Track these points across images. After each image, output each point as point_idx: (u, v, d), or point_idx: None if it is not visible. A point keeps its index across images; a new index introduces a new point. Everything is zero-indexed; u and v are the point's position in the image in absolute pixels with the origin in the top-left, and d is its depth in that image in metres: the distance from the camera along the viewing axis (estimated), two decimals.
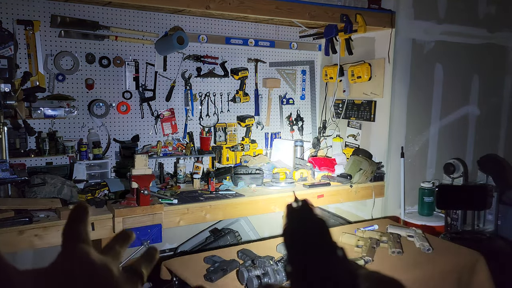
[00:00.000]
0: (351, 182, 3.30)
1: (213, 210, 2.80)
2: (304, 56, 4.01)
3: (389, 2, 3.39)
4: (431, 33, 3.55)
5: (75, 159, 2.98)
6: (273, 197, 3.02)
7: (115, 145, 3.23)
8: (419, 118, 3.61)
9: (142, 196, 2.48)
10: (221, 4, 2.80)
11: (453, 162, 3.66)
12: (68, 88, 3.04)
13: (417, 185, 3.57)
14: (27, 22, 2.83)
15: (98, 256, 0.43)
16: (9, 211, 2.27)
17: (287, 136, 3.96)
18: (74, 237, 0.44)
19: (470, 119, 3.93)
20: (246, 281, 1.93)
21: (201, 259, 2.25)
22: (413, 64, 3.49)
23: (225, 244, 3.18)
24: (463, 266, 2.39)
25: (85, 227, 0.45)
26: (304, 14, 3.07)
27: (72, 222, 0.45)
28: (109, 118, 3.19)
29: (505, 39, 4.01)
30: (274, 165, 3.52)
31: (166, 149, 3.30)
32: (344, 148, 3.81)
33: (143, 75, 3.29)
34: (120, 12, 3.14)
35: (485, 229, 3.79)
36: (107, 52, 3.14)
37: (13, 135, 2.81)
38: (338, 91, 3.80)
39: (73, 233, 0.44)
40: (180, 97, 3.46)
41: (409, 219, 3.45)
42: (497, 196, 3.60)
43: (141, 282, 0.47)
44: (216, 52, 3.55)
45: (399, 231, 2.69)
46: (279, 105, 3.92)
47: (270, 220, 3.76)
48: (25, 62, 2.88)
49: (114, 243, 0.49)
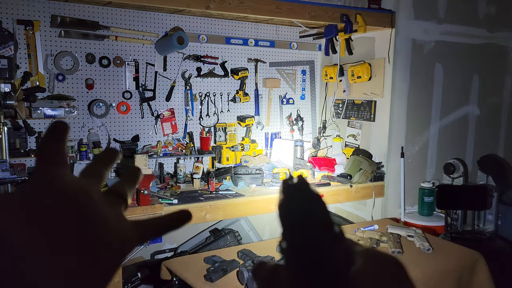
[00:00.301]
0: (351, 182, 3.30)
1: (213, 210, 2.80)
2: (304, 56, 4.01)
3: (389, 2, 3.39)
4: (431, 33, 3.55)
5: (75, 159, 2.98)
6: (273, 197, 3.02)
7: (115, 145, 3.23)
8: (419, 118, 3.61)
9: (142, 196, 2.48)
10: (221, 4, 2.80)
11: (453, 162, 3.66)
12: (68, 88, 3.04)
13: (417, 185, 3.57)
14: (27, 22, 2.83)
15: (74, 181, 0.37)
16: None
17: (287, 136, 3.96)
18: (46, 160, 0.37)
19: (470, 119, 3.93)
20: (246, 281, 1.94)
21: (201, 259, 2.26)
22: (413, 64, 3.49)
23: (225, 244, 3.18)
24: (463, 266, 2.39)
25: (62, 147, 0.39)
26: (304, 14, 3.07)
27: (47, 142, 0.38)
28: (109, 118, 3.19)
29: (505, 39, 4.01)
30: (274, 165, 3.53)
31: (166, 149, 3.30)
32: (344, 148, 3.81)
33: (143, 75, 3.29)
34: (120, 12, 3.14)
35: (485, 229, 3.79)
36: (107, 52, 3.14)
37: (13, 135, 2.81)
38: (338, 91, 3.80)
39: (45, 156, 0.38)
40: (180, 97, 3.46)
41: (409, 219, 3.45)
42: (497, 196, 3.60)
43: (125, 205, 0.41)
44: (216, 52, 3.56)
45: (399, 231, 2.69)
46: (279, 105, 3.92)
47: (270, 220, 3.76)
48: (25, 62, 2.88)
49: (96, 164, 0.42)
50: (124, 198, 0.42)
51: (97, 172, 0.41)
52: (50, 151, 0.38)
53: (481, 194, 3.36)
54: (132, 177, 0.45)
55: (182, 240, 3.44)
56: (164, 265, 2.29)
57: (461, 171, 3.65)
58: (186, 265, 2.22)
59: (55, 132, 0.39)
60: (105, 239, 0.35)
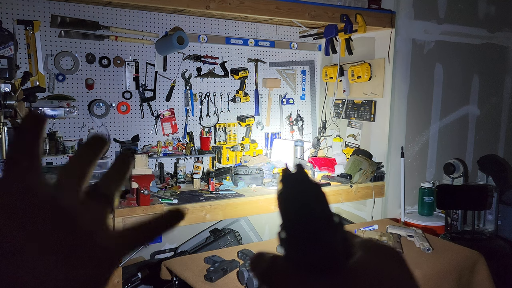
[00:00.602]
0: (351, 182, 3.30)
1: (213, 210, 2.80)
2: (304, 56, 4.01)
3: (389, 2, 3.40)
4: (431, 33, 3.55)
5: None
6: (273, 197, 3.01)
7: (115, 145, 3.23)
8: (419, 118, 3.61)
9: (142, 196, 2.48)
10: (221, 4, 2.80)
11: (453, 162, 3.66)
12: (68, 88, 3.05)
13: (417, 185, 3.57)
14: (27, 22, 2.83)
15: (47, 183, 0.33)
16: None
17: (287, 136, 3.96)
18: (18, 159, 0.33)
19: (470, 119, 3.93)
20: (246, 281, 1.94)
21: (201, 259, 2.26)
22: (413, 64, 3.49)
23: (225, 244, 3.18)
24: (463, 266, 2.39)
25: (36, 143, 0.33)
26: (304, 14, 3.07)
27: (19, 138, 0.34)
28: (109, 118, 3.19)
29: (505, 39, 4.01)
30: (274, 165, 3.53)
31: (166, 149, 3.30)
32: (344, 148, 3.81)
33: (143, 75, 3.29)
34: (120, 12, 3.14)
35: (485, 229, 3.79)
36: (107, 52, 3.14)
37: (13, 135, 2.81)
38: (338, 91, 3.80)
39: (16, 153, 0.33)
40: (180, 97, 3.46)
41: (409, 219, 3.45)
42: (497, 196, 3.60)
43: (109, 206, 0.36)
44: (216, 52, 3.56)
45: (399, 231, 2.69)
46: (279, 105, 3.92)
47: (270, 220, 3.76)
48: (25, 62, 2.88)
49: (77, 159, 0.37)
50: (108, 200, 0.36)
51: (77, 171, 0.36)
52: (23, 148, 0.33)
53: (481, 194, 3.36)
54: (121, 168, 0.38)
55: (182, 240, 3.44)
56: (164, 265, 2.29)
57: (461, 171, 3.65)
58: (186, 265, 2.22)
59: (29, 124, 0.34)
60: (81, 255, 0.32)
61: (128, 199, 2.50)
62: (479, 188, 3.46)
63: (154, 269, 2.88)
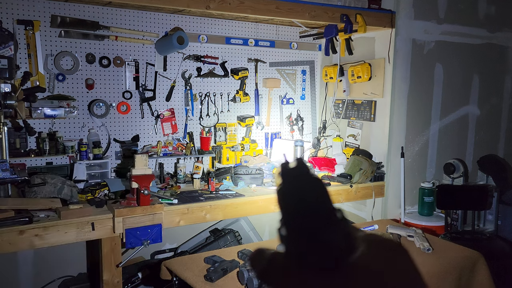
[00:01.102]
0: (351, 182, 3.30)
1: (213, 210, 2.80)
2: (304, 56, 4.01)
3: (389, 2, 3.40)
4: (431, 33, 3.55)
5: (75, 159, 2.98)
6: (273, 197, 3.02)
7: (115, 145, 3.23)
8: (419, 118, 3.61)
9: (142, 196, 2.48)
10: (221, 4, 2.80)
11: (453, 162, 3.66)
12: (68, 88, 3.05)
13: (417, 185, 3.57)
14: (27, 22, 2.83)
15: None
16: (9, 211, 2.27)
17: (287, 136, 3.96)
18: None
19: (470, 119, 3.93)
20: (246, 281, 1.94)
21: (201, 259, 2.25)
22: (413, 64, 3.49)
23: (225, 244, 3.18)
24: (463, 266, 2.39)
25: None
26: (304, 14, 3.07)
27: None
28: (109, 118, 3.19)
29: (505, 39, 4.01)
30: (274, 165, 3.53)
31: (166, 149, 3.30)
32: (344, 148, 3.81)
33: (143, 75, 3.29)
34: (120, 12, 3.14)
35: (485, 229, 3.79)
36: (107, 52, 3.14)
37: (13, 135, 2.81)
38: (338, 91, 3.80)
39: None
40: (180, 97, 3.46)
41: (409, 219, 3.45)
42: (497, 196, 3.60)
43: None
44: (216, 52, 3.56)
45: (399, 231, 2.69)
46: (279, 105, 3.92)
47: (270, 220, 3.77)
48: (25, 62, 2.88)
49: None
50: None
51: None
52: None
53: (481, 194, 3.36)
54: None
55: (182, 240, 3.44)
56: (164, 265, 2.29)
57: (461, 171, 3.65)
58: (186, 265, 2.22)
59: None
60: None
61: (128, 199, 2.50)
62: (479, 188, 3.46)
63: (154, 269, 2.89)
